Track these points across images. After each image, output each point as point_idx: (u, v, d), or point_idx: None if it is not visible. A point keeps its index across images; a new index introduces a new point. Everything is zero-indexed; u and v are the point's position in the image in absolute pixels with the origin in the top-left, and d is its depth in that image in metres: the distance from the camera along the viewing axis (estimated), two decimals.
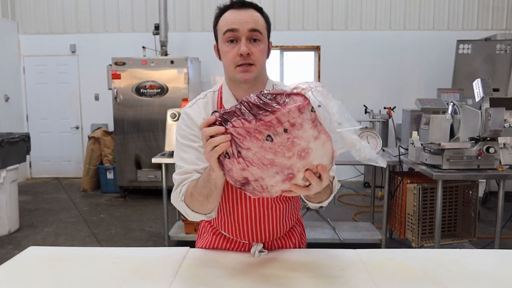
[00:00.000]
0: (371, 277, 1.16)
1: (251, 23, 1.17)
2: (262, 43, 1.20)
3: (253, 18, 1.18)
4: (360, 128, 3.65)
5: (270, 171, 0.88)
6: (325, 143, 0.86)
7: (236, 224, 1.34)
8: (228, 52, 1.19)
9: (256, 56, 1.19)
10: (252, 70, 1.19)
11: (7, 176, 4.02)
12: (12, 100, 6.41)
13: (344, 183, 6.12)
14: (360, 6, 6.36)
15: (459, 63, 5.52)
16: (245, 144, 0.86)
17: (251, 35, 1.18)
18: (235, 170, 0.90)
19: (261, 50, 1.20)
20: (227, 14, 1.20)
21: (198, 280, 1.15)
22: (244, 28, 1.16)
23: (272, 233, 1.37)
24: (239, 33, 1.17)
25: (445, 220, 3.35)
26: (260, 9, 1.23)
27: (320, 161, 0.88)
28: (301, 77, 6.63)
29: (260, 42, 1.19)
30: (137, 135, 5.49)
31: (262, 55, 1.21)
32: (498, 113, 2.79)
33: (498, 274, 1.20)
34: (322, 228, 3.84)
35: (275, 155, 0.86)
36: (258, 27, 1.18)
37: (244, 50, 1.16)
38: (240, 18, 1.17)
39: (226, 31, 1.18)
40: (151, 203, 5.27)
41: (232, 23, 1.17)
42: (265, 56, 1.23)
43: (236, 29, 1.17)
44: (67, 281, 1.16)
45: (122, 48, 6.20)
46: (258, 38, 1.19)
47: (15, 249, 3.74)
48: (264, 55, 1.23)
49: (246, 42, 1.17)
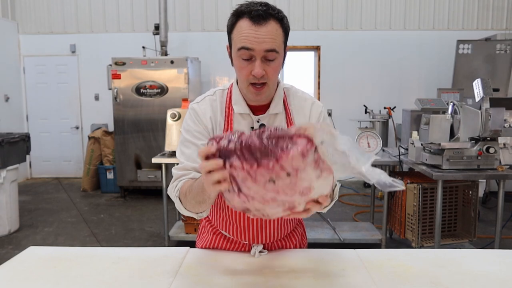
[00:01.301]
0: (371, 277, 1.16)
1: (268, 43, 1.09)
2: (278, 59, 1.14)
3: (271, 36, 1.09)
4: (360, 128, 3.65)
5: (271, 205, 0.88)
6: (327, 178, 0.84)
7: (236, 224, 1.34)
8: (242, 69, 1.14)
9: (269, 76, 1.14)
10: (264, 91, 1.17)
11: (7, 176, 4.02)
12: (12, 100, 6.41)
13: (344, 183, 6.12)
14: (360, 6, 6.36)
15: (459, 63, 5.52)
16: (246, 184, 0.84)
17: (266, 56, 1.11)
18: (236, 202, 0.89)
19: (275, 69, 1.15)
20: (244, 25, 1.10)
21: (198, 280, 1.15)
22: (260, 48, 1.09)
23: (273, 235, 1.36)
24: (255, 52, 1.10)
25: (445, 220, 3.35)
26: (281, 18, 1.12)
27: (321, 193, 0.87)
28: (301, 77, 6.63)
29: (275, 60, 1.13)
30: (137, 135, 5.49)
31: (276, 72, 1.17)
32: (498, 113, 2.79)
33: (498, 274, 1.20)
34: (322, 228, 3.84)
35: (277, 194, 0.85)
36: (275, 46, 1.10)
37: (258, 73, 1.11)
38: (257, 37, 1.08)
39: (241, 48, 1.10)
40: (151, 203, 5.27)
41: (249, 41, 1.09)
42: (278, 72, 1.18)
43: (251, 48, 1.09)
44: (67, 281, 1.16)
45: (122, 48, 6.20)
46: (274, 58, 1.12)
47: (15, 249, 3.74)
48: (278, 71, 1.18)
49: (260, 63, 1.11)
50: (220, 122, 1.25)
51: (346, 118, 6.04)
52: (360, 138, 3.54)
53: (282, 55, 1.17)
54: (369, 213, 4.22)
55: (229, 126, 1.25)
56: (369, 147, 3.51)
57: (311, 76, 6.61)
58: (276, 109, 1.26)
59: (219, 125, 1.25)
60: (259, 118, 1.25)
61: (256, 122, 1.25)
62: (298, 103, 1.31)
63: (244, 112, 1.25)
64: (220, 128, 1.25)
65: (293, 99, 1.31)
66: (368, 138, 3.53)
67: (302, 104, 1.31)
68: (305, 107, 1.30)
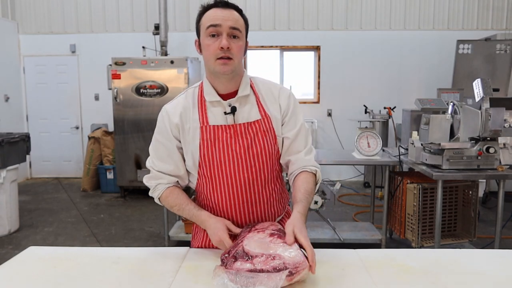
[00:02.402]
0: (371, 277, 1.16)
1: (232, 21, 1.28)
2: (241, 40, 1.31)
3: (234, 17, 1.30)
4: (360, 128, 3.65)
5: None
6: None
7: (224, 211, 1.39)
8: (210, 45, 1.29)
9: (234, 51, 1.29)
10: (230, 63, 1.30)
11: (7, 176, 4.02)
12: (12, 100, 6.41)
13: (344, 183, 6.12)
14: (360, 6, 6.36)
15: (459, 63, 5.52)
16: None
17: (231, 32, 1.28)
18: None
19: (239, 46, 1.31)
20: (210, 12, 1.30)
21: (198, 280, 1.15)
22: (226, 24, 1.27)
23: (259, 218, 1.40)
24: (221, 28, 1.27)
25: (445, 220, 3.35)
26: (240, 10, 1.34)
27: None
28: (301, 77, 6.63)
29: (239, 39, 1.30)
30: (137, 135, 5.49)
31: (240, 51, 1.32)
32: (498, 113, 2.79)
33: (498, 274, 1.20)
34: (322, 228, 3.84)
35: None
36: (238, 26, 1.30)
37: (225, 44, 1.26)
38: (222, 16, 1.28)
39: (209, 26, 1.28)
40: (151, 203, 5.22)
41: (215, 19, 1.28)
42: (242, 52, 1.34)
43: (218, 24, 1.27)
44: (67, 281, 1.16)
45: (122, 48, 6.20)
46: (237, 35, 1.30)
47: (15, 249, 3.74)
48: (242, 51, 1.33)
49: (227, 37, 1.27)
50: (193, 115, 1.38)
51: (346, 118, 6.05)
52: (360, 138, 3.54)
53: (244, 41, 1.34)
54: (369, 213, 4.22)
55: (203, 115, 1.37)
56: (369, 147, 3.51)
57: (311, 76, 6.61)
58: (244, 91, 1.38)
59: (191, 118, 1.37)
60: (230, 102, 1.36)
61: (227, 106, 1.36)
62: (267, 87, 1.44)
63: (215, 100, 1.37)
64: (193, 119, 1.37)
65: (260, 84, 1.44)
66: (368, 138, 3.53)
67: (271, 88, 1.44)
68: (273, 91, 1.43)
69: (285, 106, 1.40)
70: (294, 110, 1.41)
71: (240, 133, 1.34)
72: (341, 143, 6.36)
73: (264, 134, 1.36)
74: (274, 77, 6.50)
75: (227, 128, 1.34)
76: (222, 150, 1.33)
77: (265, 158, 1.36)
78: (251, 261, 1.10)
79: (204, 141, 1.34)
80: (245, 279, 1.04)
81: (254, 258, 1.10)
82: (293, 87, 6.16)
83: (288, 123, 1.40)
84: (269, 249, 1.12)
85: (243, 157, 1.34)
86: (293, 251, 1.11)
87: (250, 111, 1.37)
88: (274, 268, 1.06)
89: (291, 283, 1.08)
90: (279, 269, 1.06)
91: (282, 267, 1.06)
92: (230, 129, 1.34)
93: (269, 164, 1.37)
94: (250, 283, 1.03)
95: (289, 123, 1.40)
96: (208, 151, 1.34)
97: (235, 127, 1.34)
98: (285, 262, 1.07)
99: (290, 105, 1.41)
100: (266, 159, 1.36)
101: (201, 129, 1.34)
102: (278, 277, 1.03)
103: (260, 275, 1.05)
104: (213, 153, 1.33)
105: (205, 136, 1.34)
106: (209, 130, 1.34)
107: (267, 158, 1.36)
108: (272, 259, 1.08)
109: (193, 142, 1.35)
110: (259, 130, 1.35)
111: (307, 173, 1.39)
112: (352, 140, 3.59)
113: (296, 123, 1.41)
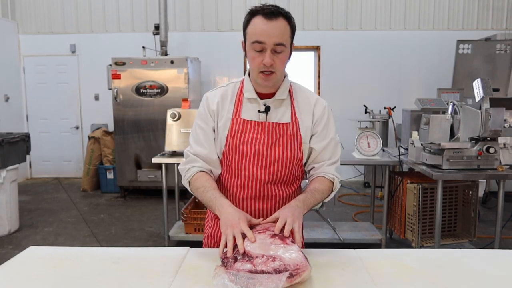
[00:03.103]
0: (371, 277, 1.16)
1: (277, 37, 1.28)
2: (285, 52, 1.32)
3: (280, 31, 1.28)
4: (360, 128, 3.65)
5: None
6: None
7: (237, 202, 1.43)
8: (254, 59, 1.32)
9: (277, 65, 1.32)
10: (272, 78, 1.34)
11: (7, 176, 4.02)
12: (12, 100, 6.41)
13: (344, 183, 6.12)
14: (360, 6, 6.36)
15: (459, 63, 5.52)
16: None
17: (275, 48, 1.29)
18: None
19: (282, 60, 1.33)
20: (257, 21, 1.29)
21: (198, 280, 1.15)
22: (271, 41, 1.28)
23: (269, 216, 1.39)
24: (265, 45, 1.28)
25: (445, 220, 3.35)
26: (289, 17, 1.31)
27: None
28: (301, 77, 6.63)
29: (283, 52, 1.31)
30: (137, 135, 5.49)
31: (283, 63, 1.35)
32: (498, 113, 2.79)
33: (498, 274, 1.20)
34: (322, 228, 3.84)
35: None
36: (283, 40, 1.29)
37: (268, 62, 1.29)
38: (268, 31, 1.27)
39: (254, 41, 1.29)
40: (151, 203, 5.27)
41: (261, 35, 1.28)
42: (285, 63, 1.37)
43: (263, 41, 1.28)
44: (67, 281, 1.16)
45: (122, 48, 6.20)
46: (281, 50, 1.30)
47: (15, 249, 3.74)
48: (285, 63, 1.36)
49: (270, 54, 1.29)
50: (229, 106, 1.43)
51: (346, 118, 6.03)
52: (360, 138, 3.54)
53: (289, 49, 1.35)
54: (369, 213, 4.22)
55: (238, 109, 1.42)
56: (369, 147, 3.51)
57: (311, 76, 6.61)
58: (282, 95, 1.42)
59: (227, 109, 1.43)
60: (265, 102, 1.41)
61: (262, 105, 1.40)
62: (304, 95, 1.47)
63: (252, 97, 1.42)
64: (228, 110, 1.43)
65: (299, 91, 1.48)
66: (368, 138, 3.53)
67: (308, 96, 1.47)
68: (310, 99, 1.46)
69: (318, 115, 1.44)
70: (327, 122, 1.46)
71: (268, 131, 1.39)
72: (341, 143, 6.32)
73: (290, 138, 1.40)
74: None
75: (256, 124, 1.40)
76: (247, 143, 1.39)
77: (286, 160, 1.40)
78: (252, 261, 1.10)
79: (232, 131, 1.40)
80: (245, 280, 1.04)
81: (254, 259, 1.10)
82: None
83: (319, 134, 1.44)
84: (269, 250, 1.12)
85: (265, 154, 1.39)
86: (294, 252, 1.11)
87: (283, 114, 1.42)
88: (275, 269, 1.06)
89: (291, 285, 1.08)
90: (280, 271, 1.06)
91: (282, 269, 1.06)
92: (258, 125, 1.40)
93: (288, 167, 1.41)
94: (251, 284, 1.03)
95: (320, 134, 1.45)
96: (233, 142, 1.39)
97: (263, 125, 1.40)
98: (285, 264, 1.07)
99: (324, 116, 1.45)
100: (286, 161, 1.40)
101: (232, 120, 1.41)
102: (279, 278, 1.03)
103: (260, 276, 1.05)
104: (238, 145, 1.39)
105: (234, 127, 1.40)
106: (239, 122, 1.41)
107: (288, 160, 1.40)
108: (273, 260, 1.08)
109: (223, 132, 1.42)
110: (286, 132, 1.40)
111: (323, 177, 1.44)
112: (352, 140, 3.59)
113: (326, 135, 1.45)
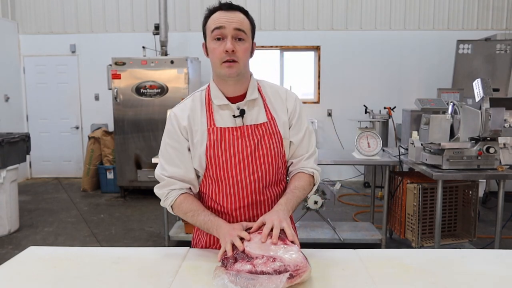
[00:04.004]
0: (371, 277, 1.16)
1: (237, 23, 1.28)
2: (246, 42, 1.31)
3: (239, 19, 1.30)
4: (360, 128, 3.65)
5: None
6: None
7: (228, 212, 1.38)
8: (215, 49, 1.30)
9: (240, 54, 1.29)
10: (235, 66, 1.30)
11: (7, 176, 4.02)
12: (12, 100, 6.41)
13: (344, 183, 6.12)
14: (360, 6, 6.36)
15: (459, 63, 5.52)
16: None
17: (236, 34, 1.28)
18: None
19: (245, 48, 1.31)
20: (215, 15, 1.31)
21: (198, 280, 1.15)
22: (230, 27, 1.27)
23: None
24: (226, 30, 1.27)
25: (445, 220, 3.35)
26: (246, 12, 1.34)
27: None
28: (301, 77, 6.63)
29: (244, 41, 1.30)
30: (137, 135, 5.49)
31: (246, 53, 1.32)
32: (498, 113, 2.79)
33: (498, 274, 1.20)
34: (322, 228, 3.84)
35: None
36: (243, 27, 1.30)
37: (229, 47, 1.27)
38: (227, 18, 1.28)
39: (214, 29, 1.29)
40: (151, 203, 5.27)
41: (220, 22, 1.28)
42: (248, 55, 1.34)
43: (223, 26, 1.27)
44: (67, 281, 1.16)
45: (122, 48, 6.20)
46: (242, 37, 1.30)
47: (15, 249, 3.74)
48: (248, 54, 1.33)
49: (231, 40, 1.28)
50: (201, 118, 1.38)
51: (346, 118, 6.04)
52: (360, 138, 3.54)
53: (250, 43, 1.34)
54: (369, 213, 4.22)
55: (211, 118, 1.37)
56: (369, 147, 3.51)
57: (311, 76, 6.61)
58: (253, 95, 1.39)
59: (199, 121, 1.37)
60: (238, 105, 1.37)
61: (236, 109, 1.37)
62: (274, 90, 1.45)
63: (223, 103, 1.37)
64: (201, 122, 1.37)
65: (268, 87, 1.45)
66: (368, 138, 3.53)
67: (278, 91, 1.45)
68: (281, 94, 1.44)
69: (291, 109, 1.42)
70: (300, 114, 1.43)
71: (247, 135, 1.35)
72: (341, 143, 6.36)
73: (270, 137, 1.37)
74: (274, 77, 6.50)
75: (234, 130, 1.35)
76: (229, 151, 1.34)
77: (271, 160, 1.37)
78: (252, 262, 1.09)
79: (211, 142, 1.34)
80: (245, 281, 1.03)
81: (254, 260, 1.10)
82: (293, 87, 6.16)
83: (294, 127, 1.42)
84: (269, 251, 1.12)
85: (249, 158, 1.34)
86: (294, 253, 1.11)
87: (258, 114, 1.38)
88: (275, 270, 1.06)
89: (291, 285, 1.08)
90: (280, 271, 1.06)
91: (282, 270, 1.06)
92: (237, 131, 1.35)
93: (274, 167, 1.38)
94: (251, 284, 1.03)
95: (295, 127, 1.42)
96: (214, 152, 1.34)
97: (242, 129, 1.35)
98: (286, 264, 1.07)
99: (297, 108, 1.43)
100: (271, 161, 1.37)
101: (208, 131, 1.35)
102: (279, 279, 1.03)
103: (260, 277, 1.05)
104: (220, 154, 1.34)
105: (212, 138, 1.34)
106: (216, 132, 1.35)
107: (273, 160, 1.37)
108: (273, 261, 1.08)
109: (201, 146, 1.35)
110: (266, 132, 1.37)
111: (302, 173, 1.43)
112: (352, 140, 3.59)
113: (301, 127, 1.43)
